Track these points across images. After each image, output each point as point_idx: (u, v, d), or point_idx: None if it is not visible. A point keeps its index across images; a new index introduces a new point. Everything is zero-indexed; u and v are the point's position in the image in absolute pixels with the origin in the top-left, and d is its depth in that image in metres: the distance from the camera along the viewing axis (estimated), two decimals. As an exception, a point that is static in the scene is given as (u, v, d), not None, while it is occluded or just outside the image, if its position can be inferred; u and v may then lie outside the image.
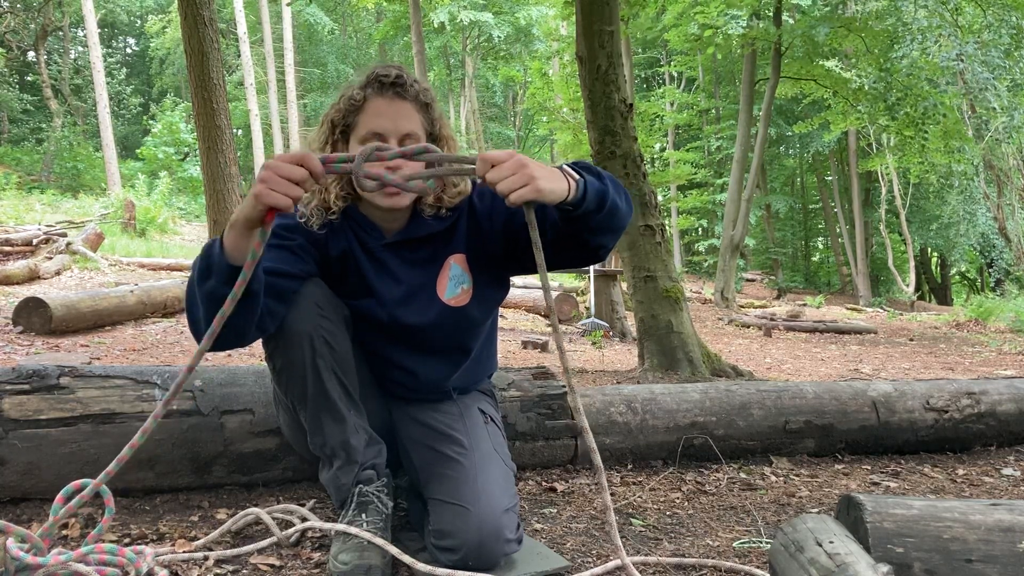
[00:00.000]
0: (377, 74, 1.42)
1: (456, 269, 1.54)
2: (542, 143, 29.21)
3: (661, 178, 18.60)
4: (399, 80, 1.42)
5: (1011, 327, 10.94)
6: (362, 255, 1.51)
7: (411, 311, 1.51)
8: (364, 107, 1.42)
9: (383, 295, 1.51)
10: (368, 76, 1.43)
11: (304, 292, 1.44)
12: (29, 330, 4.90)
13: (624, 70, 4.41)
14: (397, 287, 1.51)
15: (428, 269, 1.53)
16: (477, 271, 1.55)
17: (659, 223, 4.30)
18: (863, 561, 1.10)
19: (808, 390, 2.47)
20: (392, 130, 1.40)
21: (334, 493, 1.51)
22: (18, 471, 1.61)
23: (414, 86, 1.44)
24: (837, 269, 26.82)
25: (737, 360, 5.53)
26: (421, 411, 1.60)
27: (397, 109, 1.41)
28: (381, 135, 1.40)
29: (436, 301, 1.52)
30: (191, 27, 6.23)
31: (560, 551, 1.54)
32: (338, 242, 1.50)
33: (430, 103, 1.46)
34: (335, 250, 1.50)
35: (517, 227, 1.46)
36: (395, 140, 1.41)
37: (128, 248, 11.28)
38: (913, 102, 11.88)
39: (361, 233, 1.51)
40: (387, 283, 1.51)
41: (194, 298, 1.29)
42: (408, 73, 1.45)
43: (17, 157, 22.41)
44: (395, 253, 1.52)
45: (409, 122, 1.42)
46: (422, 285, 1.52)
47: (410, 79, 1.44)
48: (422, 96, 1.45)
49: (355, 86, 1.44)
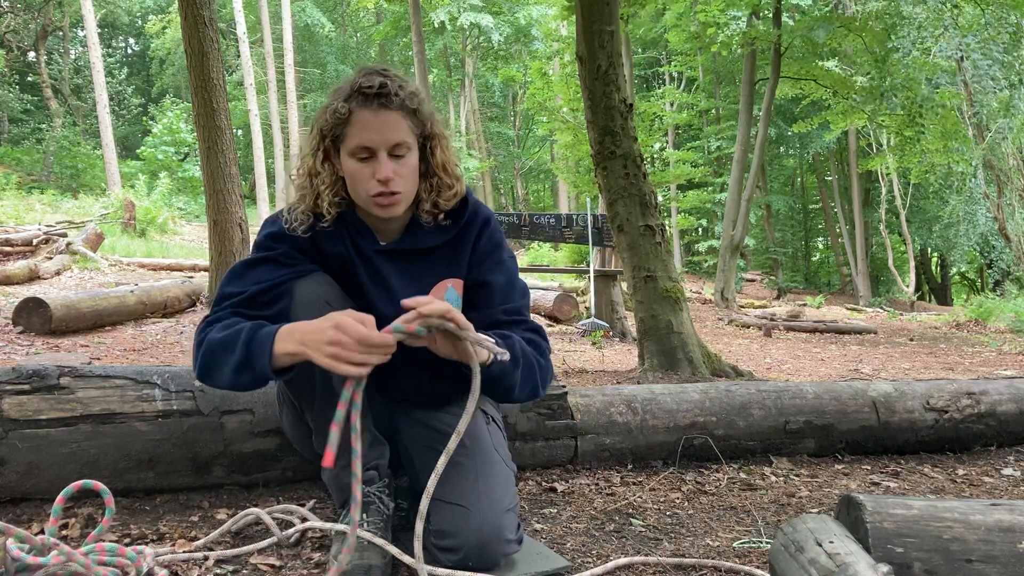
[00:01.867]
0: (360, 85, 1.38)
1: (452, 293, 1.53)
2: (542, 143, 29.21)
3: (661, 178, 18.58)
4: (383, 90, 1.38)
5: (1011, 327, 10.94)
6: (357, 259, 1.50)
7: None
8: (350, 120, 1.38)
9: (375, 301, 1.50)
10: (352, 87, 1.39)
11: (315, 290, 1.43)
12: (29, 330, 4.90)
13: (624, 70, 4.40)
14: (388, 296, 1.50)
15: (421, 283, 1.51)
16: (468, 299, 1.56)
17: (659, 223, 4.29)
18: (863, 561, 1.10)
19: (808, 390, 2.47)
20: (380, 142, 1.38)
21: (335, 492, 1.51)
22: (18, 471, 1.61)
23: (399, 94, 1.39)
24: (837, 269, 26.82)
25: (737, 360, 5.53)
26: (423, 412, 1.60)
27: (383, 120, 1.38)
28: (370, 148, 1.39)
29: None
30: (191, 27, 6.23)
31: (560, 551, 1.54)
32: (333, 244, 1.49)
33: (417, 107, 1.42)
34: (330, 252, 1.49)
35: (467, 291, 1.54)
36: (385, 151, 1.39)
37: (128, 248, 11.29)
38: (910, 95, 11.88)
39: (357, 237, 1.50)
40: (379, 291, 1.51)
41: (220, 370, 1.33)
42: (393, 78, 1.41)
43: (17, 157, 22.41)
44: (390, 260, 1.51)
45: (397, 132, 1.39)
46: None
47: (394, 86, 1.39)
48: (408, 102, 1.40)
49: (340, 96, 1.40)
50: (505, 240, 1.60)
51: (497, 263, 1.54)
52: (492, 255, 1.54)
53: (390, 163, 1.39)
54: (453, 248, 1.53)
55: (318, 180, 1.44)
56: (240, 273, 1.45)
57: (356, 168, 1.41)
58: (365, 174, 1.40)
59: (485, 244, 1.54)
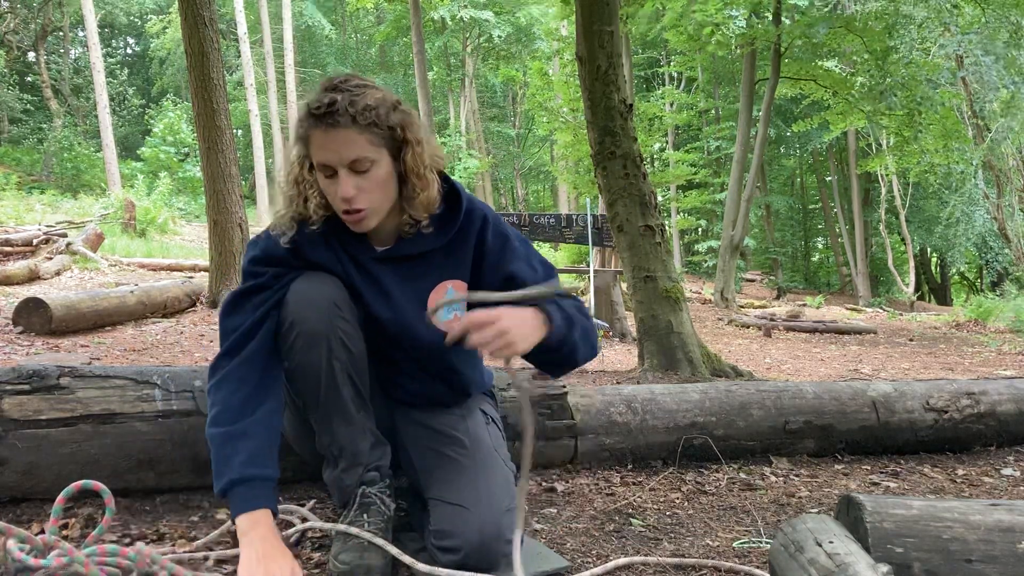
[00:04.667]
0: (309, 106, 1.36)
1: (452, 294, 1.52)
2: (542, 143, 29.21)
3: (661, 178, 18.61)
4: (331, 108, 1.33)
5: (1011, 327, 10.94)
6: (351, 266, 1.49)
7: (400, 328, 1.50)
8: (309, 139, 1.38)
9: (371, 306, 1.50)
10: (308, 106, 1.37)
11: (323, 292, 1.43)
12: (29, 330, 4.89)
13: (624, 70, 4.41)
14: (387, 302, 1.50)
15: (420, 286, 1.50)
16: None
17: (659, 223, 4.30)
18: (863, 561, 1.10)
19: (808, 390, 2.47)
20: (337, 160, 1.36)
21: (337, 493, 1.51)
22: (18, 471, 1.61)
23: (348, 111, 1.34)
24: (837, 269, 26.83)
25: (737, 360, 5.53)
26: (423, 413, 1.60)
27: (335, 139, 1.35)
28: (330, 166, 1.37)
29: (427, 323, 1.51)
30: (191, 27, 6.23)
31: (560, 551, 1.54)
32: (319, 252, 1.48)
33: (373, 120, 1.36)
34: (315, 260, 1.48)
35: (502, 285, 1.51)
36: (344, 168, 1.36)
37: (128, 248, 11.29)
38: (910, 95, 11.88)
39: (350, 245, 1.49)
40: (377, 297, 1.50)
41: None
42: (346, 91, 1.35)
43: (17, 157, 22.41)
44: (386, 266, 1.50)
45: (352, 148, 1.35)
46: (412, 304, 1.50)
47: (344, 103, 1.33)
48: (360, 118, 1.34)
49: (302, 113, 1.39)
50: (511, 229, 1.58)
51: (512, 252, 1.53)
52: (505, 247, 1.52)
53: (351, 179, 1.36)
54: (451, 250, 1.51)
55: (304, 186, 1.43)
56: (236, 303, 1.47)
57: (325, 184, 1.40)
58: (331, 191, 1.39)
59: (493, 241, 1.52)
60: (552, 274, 1.56)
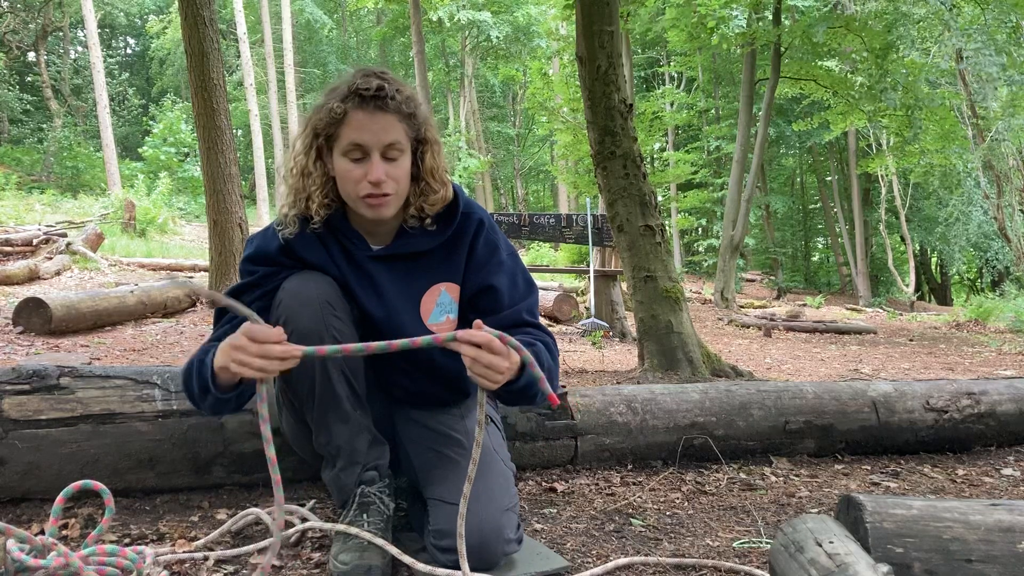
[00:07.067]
0: (358, 87, 1.38)
1: (446, 296, 1.53)
2: (542, 143, 29.20)
3: (661, 178, 18.59)
4: (380, 93, 1.38)
5: (1011, 327, 10.94)
6: (347, 265, 1.50)
7: (392, 327, 1.50)
8: (345, 120, 1.38)
9: (365, 305, 1.50)
10: (349, 87, 1.39)
11: (316, 290, 1.44)
12: (29, 330, 4.89)
13: (624, 70, 4.40)
14: (380, 301, 1.50)
15: (413, 287, 1.51)
16: (464, 305, 1.56)
17: (659, 223, 4.29)
18: (863, 561, 1.10)
19: (808, 390, 2.47)
20: (374, 143, 1.38)
21: (336, 493, 1.51)
22: (18, 471, 1.61)
23: (396, 97, 1.39)
24: (837, 269, 26.81)
25: (737, 360, 5.53)
26: (422, 413, 1.60)
27: (378, 121, 1.38)
28: (363, 147, 1.39)
29: (419, 323, 1.51)
30: (191, 27, 6.23)
31: (560, 551, 1.54)
32: (313, 251, 1.49)
33: (413, 111, 1.42)
34: (309, 259, 1.49)
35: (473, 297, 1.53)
36: (378, 151, 1.39)
37: (128, 248, 11.29)
38: (909, 94, 11.88)
39: (347, 244, 1.50)
40: (371, 296, 1.51)
41: (193, 397, 1.38)
42: (391, 81, 1.41)
43: (17, 157, 22.40)
44: (382, 265, 1.51)
45: (391, 133, 1.39)
46: (405, 304, 1.51)
47: (391, 89, 1.39)
48: (405, 107, 1.41)
49: (336, 96, 1.40)
50: (503, 238, 1.58)
51: (497, 264, 1.54)
52: (492, 258, 1.54)
53: (382, 165, 1.39)
54: (447, 252, 1.52)
55: (309, 181, 1.44)
56: (231, 296, 1.47)
57: (348, 168, 1.40)
58: (357, 174, 1.40)
59: (482, 248, 1.53)
60: (532, 293, 1.57)
